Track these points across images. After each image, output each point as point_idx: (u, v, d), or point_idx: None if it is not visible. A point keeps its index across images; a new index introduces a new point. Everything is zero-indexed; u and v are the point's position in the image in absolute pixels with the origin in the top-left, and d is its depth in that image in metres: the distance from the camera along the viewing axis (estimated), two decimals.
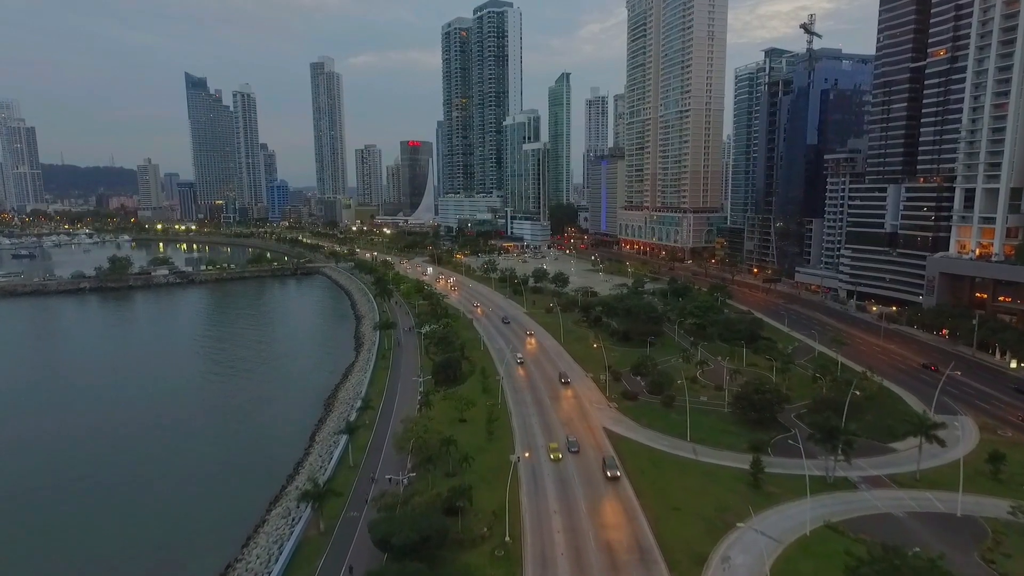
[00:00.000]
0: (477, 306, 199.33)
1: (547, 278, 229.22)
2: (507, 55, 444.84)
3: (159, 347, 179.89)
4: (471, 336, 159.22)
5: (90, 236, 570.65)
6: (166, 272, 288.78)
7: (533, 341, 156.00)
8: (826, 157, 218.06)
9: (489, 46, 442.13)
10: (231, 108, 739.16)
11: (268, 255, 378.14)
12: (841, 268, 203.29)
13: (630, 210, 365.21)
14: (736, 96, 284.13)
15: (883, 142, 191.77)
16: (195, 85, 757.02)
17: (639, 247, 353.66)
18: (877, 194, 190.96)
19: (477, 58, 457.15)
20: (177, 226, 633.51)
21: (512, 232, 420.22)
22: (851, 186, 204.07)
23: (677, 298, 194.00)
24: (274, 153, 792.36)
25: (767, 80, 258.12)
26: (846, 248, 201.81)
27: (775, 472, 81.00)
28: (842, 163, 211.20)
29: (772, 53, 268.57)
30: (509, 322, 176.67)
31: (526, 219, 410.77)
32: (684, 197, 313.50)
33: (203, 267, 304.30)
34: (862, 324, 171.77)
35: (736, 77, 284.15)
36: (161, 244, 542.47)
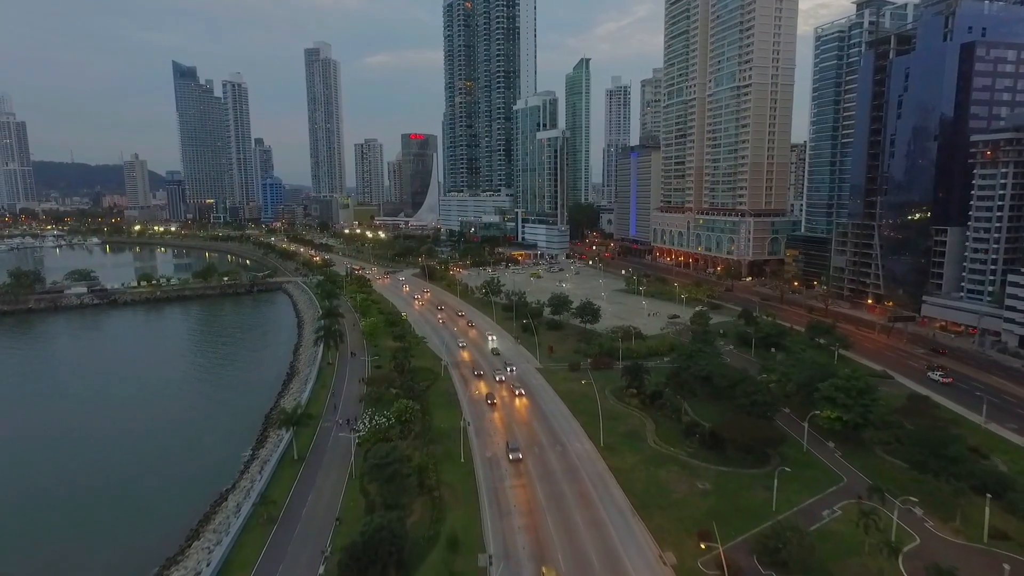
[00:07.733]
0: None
1: (569, 308, 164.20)
2: (518, 27, 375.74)
3: None
4: (449, 424, 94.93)
5: (56, 239, 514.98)
6: (83, 291, 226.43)
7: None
8: (973, 139, 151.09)
9: (497, 17, 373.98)
10: (222, 99, 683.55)
11: (248, 262, 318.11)
12: (1010, 303, 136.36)
13: (668, 212, 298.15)
14: (819, 63, 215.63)
15: None
16: (183, 75, 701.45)
17: (680, 258, 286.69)
18: None
19: (484, 33, 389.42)
20: (156, 227, 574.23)
21: (524, 238, 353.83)
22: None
23: (768, 349, 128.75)
24: (270, 149, 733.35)
25: (867, 38, 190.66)
26: (1015, 273, 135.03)
27: None
28: (1002, 146, 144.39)
29: (869, 3, 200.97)
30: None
31: (540, 222, 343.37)
32: (741, 196, 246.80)
33: (133, 283, 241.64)
34: None
35: (818, 38, 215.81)
36: (138, 247, 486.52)
